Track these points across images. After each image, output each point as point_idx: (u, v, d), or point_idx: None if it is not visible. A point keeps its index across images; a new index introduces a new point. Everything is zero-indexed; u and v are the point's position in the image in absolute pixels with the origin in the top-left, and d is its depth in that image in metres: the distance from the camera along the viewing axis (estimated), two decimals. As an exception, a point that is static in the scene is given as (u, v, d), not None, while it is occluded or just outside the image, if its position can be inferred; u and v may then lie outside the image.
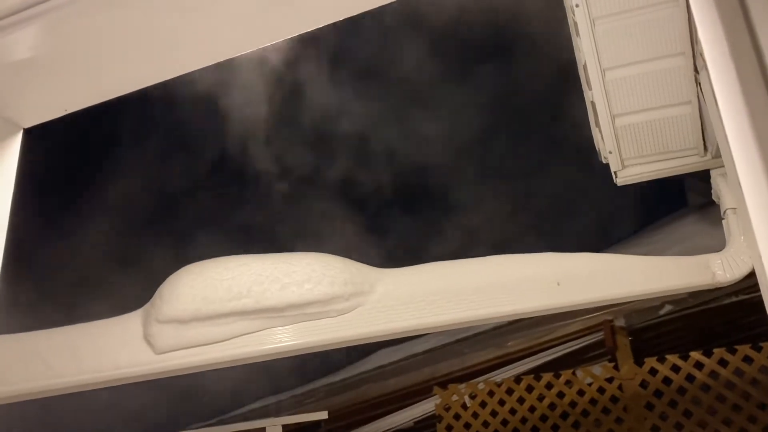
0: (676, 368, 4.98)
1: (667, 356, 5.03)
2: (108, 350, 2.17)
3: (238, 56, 1.25)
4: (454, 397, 5.67)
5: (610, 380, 5.18)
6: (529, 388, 5.42)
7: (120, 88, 1.12)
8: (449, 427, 5.57)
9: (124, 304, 2.30)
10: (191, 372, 2.19)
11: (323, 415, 4.55)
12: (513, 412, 5.42)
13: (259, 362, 2.28)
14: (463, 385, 5.70)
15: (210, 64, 1.17)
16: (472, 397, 5.62)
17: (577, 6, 2.66)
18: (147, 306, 2.24)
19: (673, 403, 4.90)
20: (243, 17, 1.23)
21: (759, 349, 4.78)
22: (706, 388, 4.87)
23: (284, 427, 4.17)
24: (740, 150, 1.10)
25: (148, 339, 2.17)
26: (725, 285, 2.29)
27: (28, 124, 1.18)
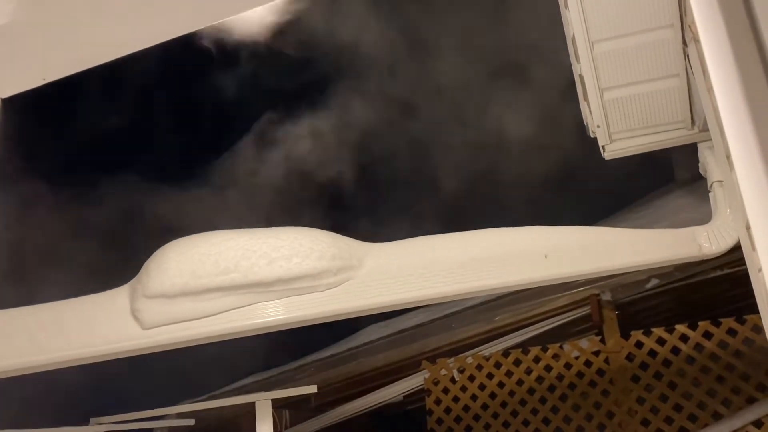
0: (661, 341, 5.04)
1: (653, 329, 5.09)
2: (95, 326, 2.16)
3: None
4: (443, 372, 5.72)
5: (596, 353, 5.25)
6: (517, 362, 5.48)
7: (101, 55, 1.08)
8: (438, 401, 5.63)
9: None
10: (179, 347, 2.19)
11: (313, 389, 4.57)
12: (501, 385, 5.48)
13: (247, 338, 2.28)
14: (451, 360, 5.75)
15: (196, 29, 1.13)
16: (461, 371, 5.68)
17: (566, -23, 2.63)
18: (134, 281, 2.22)
19: (658, 375, 4.98)
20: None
21: (743, 322, 4.85)
22: (690, 360, 4.95)
23: (274, 401, 4.18)
24: (731, 120, 1.10)
25: (135, 314, 2.16)
26: (711, 257, 2.31)
27: (6, 94, 1.15)
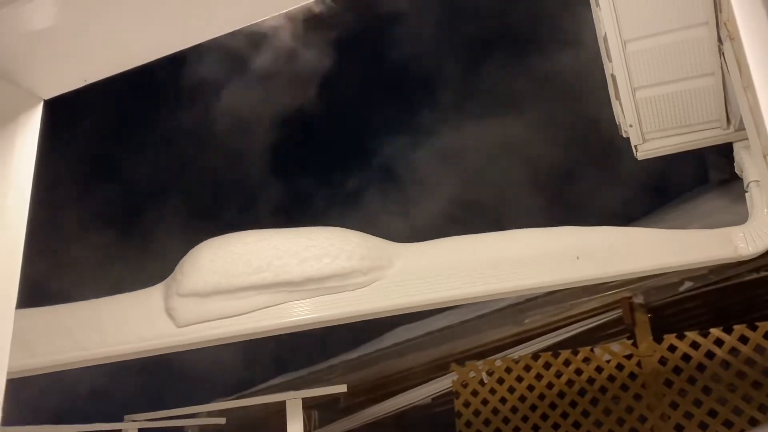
0: (695, 345, 4.94)
1: (687, 333, 4.99)
2: (131, 323, 2.21)
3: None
4: (472, 374, 5.69)
5: (628, 357, 5.16)
6: (547, 365, 5.43)
7: (144, 55, 1.10)
8: (467, 404, 5.60)
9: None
10: (212, 344, 2.22)
11: (343, 388, 4.58)
12: (531, 388, 5.43)
13: (277, 338, 2.31)
14: (480, 362, 5.72)
15: (244, 25, 1.12)
16: (490, 373, 5.64)
17: (597, -24, 2.61)
18: (168, 280, 2.27)
19: (692, 380, 4.88)
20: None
21: (780, 326, 4.73)
22: (725, 365, 4.84)
23: (303, 402, 4.20)
24: None
25: (169, 312, 2.21)
26: (748, 258, 2.26)
27: (48, 96, 1.19)
